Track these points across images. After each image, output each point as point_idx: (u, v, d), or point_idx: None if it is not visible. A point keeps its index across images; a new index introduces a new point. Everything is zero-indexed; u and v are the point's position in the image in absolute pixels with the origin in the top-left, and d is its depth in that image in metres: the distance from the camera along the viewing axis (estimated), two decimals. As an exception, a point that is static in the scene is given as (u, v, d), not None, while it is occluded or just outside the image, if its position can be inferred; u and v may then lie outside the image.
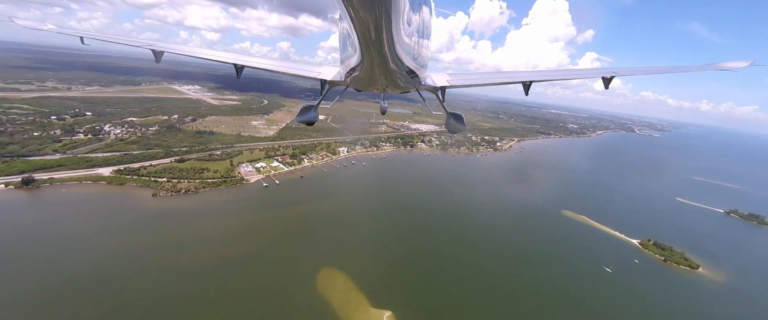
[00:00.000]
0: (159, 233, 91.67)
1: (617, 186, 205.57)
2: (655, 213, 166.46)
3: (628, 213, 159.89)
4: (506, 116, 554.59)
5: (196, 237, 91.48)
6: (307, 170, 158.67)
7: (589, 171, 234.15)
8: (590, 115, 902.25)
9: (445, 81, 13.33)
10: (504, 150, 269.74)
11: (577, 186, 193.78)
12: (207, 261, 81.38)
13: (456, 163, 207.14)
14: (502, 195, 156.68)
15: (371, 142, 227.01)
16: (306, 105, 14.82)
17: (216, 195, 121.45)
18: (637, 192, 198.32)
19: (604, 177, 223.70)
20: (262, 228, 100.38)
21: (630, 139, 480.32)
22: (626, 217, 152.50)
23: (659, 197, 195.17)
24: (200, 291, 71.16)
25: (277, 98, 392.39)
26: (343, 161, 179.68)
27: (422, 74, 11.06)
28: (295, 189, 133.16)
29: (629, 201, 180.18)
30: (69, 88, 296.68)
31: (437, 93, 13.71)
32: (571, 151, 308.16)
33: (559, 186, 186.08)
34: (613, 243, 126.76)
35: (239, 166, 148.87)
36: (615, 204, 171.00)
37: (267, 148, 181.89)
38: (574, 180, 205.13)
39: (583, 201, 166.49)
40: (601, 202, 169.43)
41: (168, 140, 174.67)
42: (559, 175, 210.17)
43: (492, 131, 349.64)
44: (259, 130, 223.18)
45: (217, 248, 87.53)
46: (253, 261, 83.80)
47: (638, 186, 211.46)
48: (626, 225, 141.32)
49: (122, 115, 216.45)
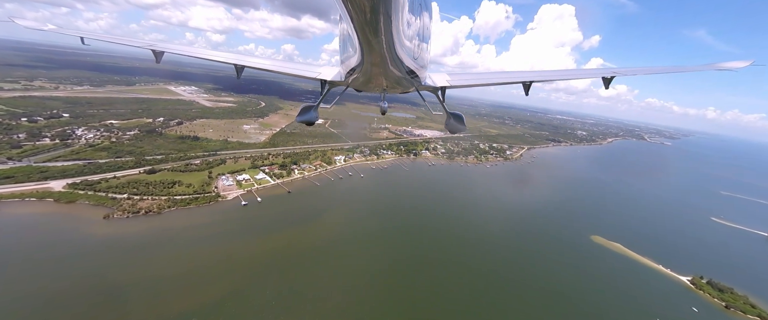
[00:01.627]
0: (94, 273, 70.50)
1: (645, 204, 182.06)
2: (694, 237, 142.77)
3: (664, 238, 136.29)
4: (512, 121, 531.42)
5: (138, 279, 70.13)
6: (297, 184, 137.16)
7: (611, 186, 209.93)
8: (596, 121, 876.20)
9: (445, 81, 12.98)
10: (514, 159, 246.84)
11: (602, 204, 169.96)
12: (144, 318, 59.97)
13: (464, 175, 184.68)
14: (521, 217, 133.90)
15: (371, 150, 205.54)
16: (306, 105, 14.30)
17: (182, 216, 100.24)
18: (668, 211, 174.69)
19: (628, 192, 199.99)
20: (226, 266, 78.64)
21: (642, 148, 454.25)
22: (663, 244, 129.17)
23: (693, 217, 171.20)
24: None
25: (275, 100, 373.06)
26: (339, 172, 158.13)
27: (422, 74, 10.81)
28: (279, 208, 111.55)
29: (662, 222, 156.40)
30: (56, 87, 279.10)
31: (437, 93, 13.31)
32: (586, 161, 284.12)
33: (582, 204, 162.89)
34: (658, 282, 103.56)
35: (218, 179, 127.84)
36: (648, 226, 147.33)
37: (255, 157, 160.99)
38: (598, 197, 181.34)
39: (613, 223, 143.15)
40: (633, 224, 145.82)
41: (144, 146, 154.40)
42: (579, 190, 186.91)
43: (499, 138, 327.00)
44: (250, 135, 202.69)
45: (163, 296, 66.16)
46: (205, 319, 62.22)
47: (668, 204, 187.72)
48: (667, 254, 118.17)
49: (103, 117, 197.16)
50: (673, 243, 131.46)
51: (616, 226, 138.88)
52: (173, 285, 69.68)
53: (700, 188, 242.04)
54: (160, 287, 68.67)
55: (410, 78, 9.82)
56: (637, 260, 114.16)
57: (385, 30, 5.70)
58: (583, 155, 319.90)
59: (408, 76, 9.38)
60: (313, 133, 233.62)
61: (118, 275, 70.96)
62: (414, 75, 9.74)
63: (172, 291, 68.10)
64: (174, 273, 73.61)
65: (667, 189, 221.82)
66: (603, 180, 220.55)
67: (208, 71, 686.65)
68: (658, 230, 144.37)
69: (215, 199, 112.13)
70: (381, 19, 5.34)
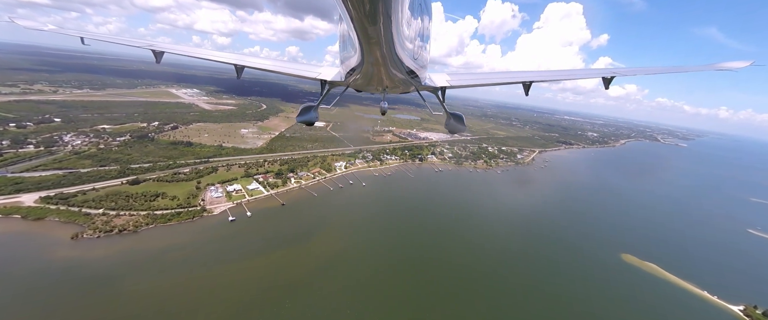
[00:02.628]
0: (41, 313, 59.11)
1: (674, 214, 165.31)
2: (736, 255, 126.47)
3: (702, 256, 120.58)
4: (520, 123, 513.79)
5: None
6: (293, 194, 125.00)
7: (633, 193, 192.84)
8: (605, 122, 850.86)
9: (445, 81, 12.96)
10: (526, 163, 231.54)
11: (627, 215, 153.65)
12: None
13: (475, 183, 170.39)
14: (541, 232, 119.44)
15: (374, 155, 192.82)
16: (306, 105, 14.10)
17: (160, 235, 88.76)
18: (700, 223, 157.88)
19: (653, 201, 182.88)
20: (199, 300, 66.57)
21: (657, 150, 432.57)
22: (703, 263, 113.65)
23: (728, 229, 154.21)
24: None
25: (277, 103, 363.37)
26: (339, 180, 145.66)
27: (422, 74, 10.83)
28: (269, 225, 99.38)
29: (697, 236, 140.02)
30: (56, 90, 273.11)
31: (437, 93, 13.25)
32: (601, 165, 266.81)
33: (606, 216, 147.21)
34: (704, 311, 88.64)
35: (206, 190, 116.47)
36: (682, 241, 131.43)
37: (249, 164, 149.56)
38: (622, 207, 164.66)
39: (643, 238, 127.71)
40: (665, 239, 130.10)
41: (132, 153, 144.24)
42: (601, 199, 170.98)
43: (508, 140, 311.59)
44: (247, 139, 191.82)
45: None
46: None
47: (698, 214, 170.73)
48: (709, 277, 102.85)
49: (96, 122, 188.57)
50: (715, 263, 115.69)
51: (646, 242, 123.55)
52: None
53: (728, 195, 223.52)
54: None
55: (410, 78, 9.81)
56: (676, 284, 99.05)
57: (384, 30, 5.68)
58: (598, 158, 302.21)
59: (408, 76, 9.36)
60: (313, 136, 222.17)
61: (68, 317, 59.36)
62: (414, 75, 9.71)
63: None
64: (133, 313, 61.72)
65: (693, 197, 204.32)
66: (624, 187, 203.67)
67: (212, 73, 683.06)
68: (694, 246, 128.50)
69: (200, 214, 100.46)
70: (381, 19, 5.31)
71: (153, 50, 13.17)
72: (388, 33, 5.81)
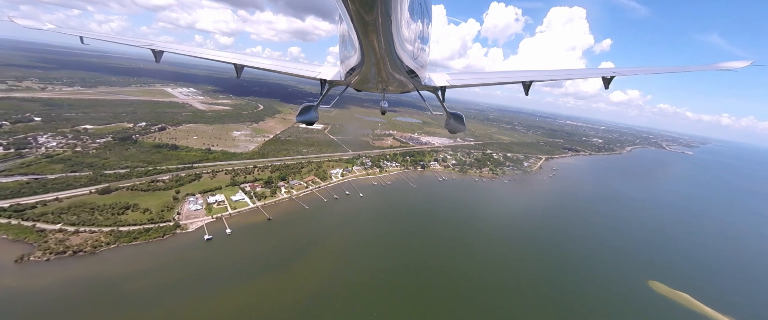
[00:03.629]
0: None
1: (701, 232, 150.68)
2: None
3: (739, 285, 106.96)
4: (523, 128, 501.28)
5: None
6: (282, 207, 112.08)
7: (653, 207, 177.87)
8: (608, 128, 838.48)
9: (444, 81, 12.91)
10: (533, 171, 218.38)
11: (650, 231, 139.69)
12: None
13: (481, 193, 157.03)
14: (558, 251, 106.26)
15: (374, 161, 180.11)
16: (306, 105, 14.04)
17: (123, 258, 76.02)
18: (731, 243, 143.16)
19: (676, 216, 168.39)
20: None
21: (665, 158, 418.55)
22: (742, 293, 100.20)
23: (763, 249, 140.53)
24: None
25: (275, 104, 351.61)
26: (335, 190, 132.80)
27: (422, 74, 10.81)
28: (250, 245, 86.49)
29: (728, 257, 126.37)
30: (44, 87, 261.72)
31: (437, 93, 13.19)
32: (612, 174, 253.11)
33: (627, 232, 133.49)
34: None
35: (184, 201, 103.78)
36: (713, 262, 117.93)
37: (238, 170, 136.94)
38: (642, 222, 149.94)
39: (671, 261, 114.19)
40: (695, 261, 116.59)
41: (110, 158, 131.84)
42: (618, 214, 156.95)
43: (513, 146, 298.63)
44: (239, 143, 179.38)
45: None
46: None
47: (726, 231, 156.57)
48: (749, 308, 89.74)
49: (79, 122, 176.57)
50: (755, 294, 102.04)
51: (674, 266, 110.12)
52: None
53: (751, 208, 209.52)
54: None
55: (410, 78, 9.82)
56: (713, 319, 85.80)
57: (384, 29, 5.68)
58: (606, 166, 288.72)
59: (408, 75, 9.38)
60: (309, 140, 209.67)
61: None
62: (414, 75, 9.70)
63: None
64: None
65: (716, 211, 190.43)
66: (641, 199, 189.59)
67: (211, 73, 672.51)
68: (728, 269, 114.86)
69: (172, 231, 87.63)
70: (380, 19, 5.31)
71: (152, 50, 13.16)
72: (387, 32, 5.81)
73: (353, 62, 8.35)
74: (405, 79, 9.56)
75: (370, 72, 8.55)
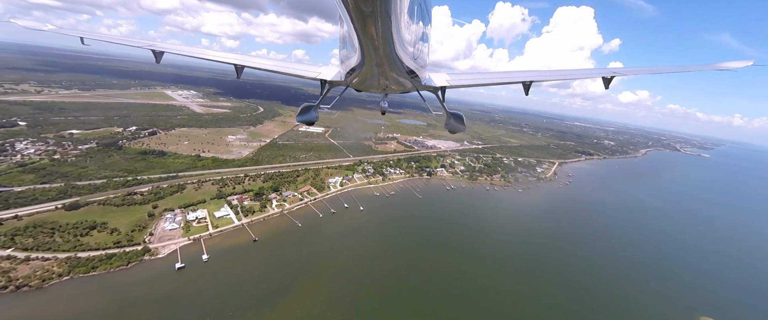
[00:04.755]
0: None
1: (748, 251, 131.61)
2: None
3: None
4: (531, 129, 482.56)
5: None
6: (271, 224, 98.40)
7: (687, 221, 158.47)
8: (618, 129, 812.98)
9: (445, 81, 12.68)
10: (548, 178, 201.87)
11: (686, 250, 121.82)
12: None
13: (495, 206, 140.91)
14: (590, 278, 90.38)
15: (376, 167, 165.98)
16: (306, 105, 13.85)
17: (75, 293, 62.88)
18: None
19: (709, 230, 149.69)
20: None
21: (682, 161, 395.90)
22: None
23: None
24: None
25: (276, 106, 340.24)
26: (332, 202, 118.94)
27: (422, 74, 10.70)
28: (228, 276, 72.63)
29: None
30: (40, 91, 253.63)
31: (437, 93, 12.96)
32: (631, 180, 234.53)
33: (662, 253, 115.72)
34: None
35: (160, 219, 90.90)
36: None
37: (226, 179, 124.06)
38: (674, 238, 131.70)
39: (720, 289, 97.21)
40: (748, 294, 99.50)
41: (88, 166, 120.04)
42: (650, 229, 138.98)
43: (523, 150, 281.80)
44: (232, 148, 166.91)
45: None
46: None
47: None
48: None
49: (67, 126, 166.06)
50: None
51: (726, 295, 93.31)
52: None
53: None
54: None
55: (410, 78, 9.79)
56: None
57: (384, 30, 5.65)
58: (623, 171, 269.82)
59: (408, 75, 9.34)
60: (308, 145, 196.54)
61: None
62: (414, 75, 9.65)
63: None
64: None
65: (754, 224, 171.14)
66: (670, 214, 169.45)
67: (215, 75, 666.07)
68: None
69: (140, 258, 74.50)
70: (380, 19, 5.29)
71: (153, 50, 13.04)
72: (387, 33, 5.77)
73: (353, 62, 8.30)
74: (405, 79, 9.56)
75: (370, 72, 8.51)
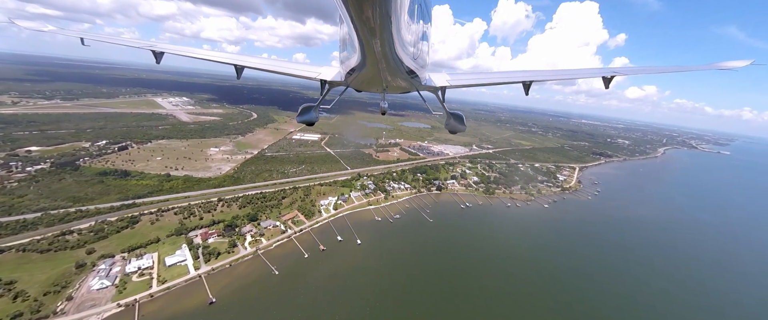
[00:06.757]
0: None
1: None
2: None
3: None
4: (540, 129, 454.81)
5: None
6: (239, 272, 74.45)
7: (742, 233, 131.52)
8: (627, 126, 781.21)
9: (445, 81, 12.61)
10: (573, 188, 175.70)
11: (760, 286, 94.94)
12: None
13: (522, 229, 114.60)
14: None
15: (377, 182, 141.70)
16: (306, 105, 13.62)
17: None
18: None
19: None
20: None
21: (705, 161, 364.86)
22: None
23: None
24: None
25: (272, 112, 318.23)
26: (323, 234, 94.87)
27: (422, 74, 10.58)
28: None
29: None
30: (18, 102, 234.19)
31: (437, 93, 12.93)
32: (664, 187, 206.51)
33: (742, 293, 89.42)
34: None
35: (91, 272, 67.60)
36: None
37: (195, 205, 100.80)
38: (750, 268, 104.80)
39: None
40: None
41: (28, 193, 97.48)
42: (705, 250, 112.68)
43: (537, 153, 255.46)
44: (211, 163, 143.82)
45: None
46: None
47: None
48: None
49: (26, 142, 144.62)
50: None
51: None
52: None
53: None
54: None
55: (410, 78, 9.62)
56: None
57: (384, 30, 5.61)
58: (650, 175, 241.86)
59: (407, 76, 9.21)
60: (300, 156, 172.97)
61: None
62: (414, 75, 9.52)
63: None
64: None
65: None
66: (723, 227, 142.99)
67: (213, 81, 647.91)
68: None
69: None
70: (380, 19, 5.24)
71: (153, 51, 12.96)
72: (387, 33, 5.73)
73: (353, 63, 8.24)
74: (405, 79, 9.44)
75: (370, 72, 8.43)
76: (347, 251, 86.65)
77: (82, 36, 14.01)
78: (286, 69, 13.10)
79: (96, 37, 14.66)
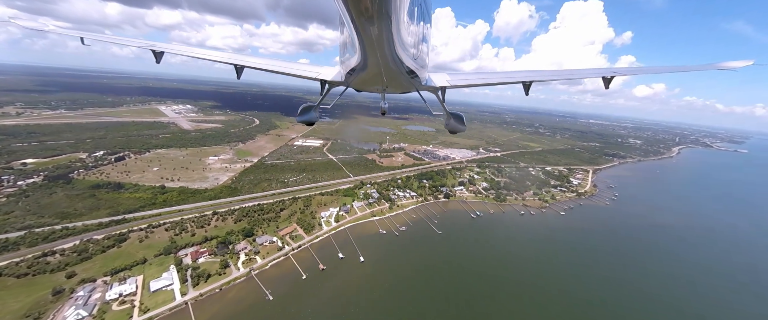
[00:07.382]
0: None
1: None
2: None
3: None
4: (547, 130, 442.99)
5: None
6: (229, 299, 67.42)
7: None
8: (635, 125, 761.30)
9: (445, 81, 12.53)
10: (589, 193, 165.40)
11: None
12: None
13: (539, 240, 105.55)
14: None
15: (381, 191, 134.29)
16: (306, 105, 13.64)
17: None
18: None
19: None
20: None
21: (723, 160, 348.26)
22: None
23: None
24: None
25: (275, 117, 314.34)
26: (323, 250, 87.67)
27: (422, 75, 10.50)
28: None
29: None
30: (21, 113, 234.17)
31: (437, 93, 12.83)
32: (685, 190, 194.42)
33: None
34: None
35: (69, 300, 61.44)
36: None
37: (188, 220, 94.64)
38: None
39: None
40: None
41: (15, 210, 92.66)
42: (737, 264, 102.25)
43: (547, 156, 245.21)
44: (209, 173, 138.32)
45: None
46: None
47: None
48: None
49: (23, 154, 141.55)
50: None
51: None
52: None
53: None
54: None
55: (410, 78, 9.61)
56: None
57: (384, 30, 5.65)
58: (668, 177, 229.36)
59: (408, 76, 9.25)
60: (301, 163, 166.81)
61: None
62: (414, 75, 9.52)
63: None
64: None
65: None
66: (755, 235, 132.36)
67: (217, 88, 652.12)
68: None
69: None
70: (381, 20, 5.30)
71: (153, 50, 12.99)
72: (388, 33, 5.76)
73: (354, 63, 8.24)
74: (405, 79, 9.47)
75: (370, 72, 8.52)
76: (349, 270, 79.03)
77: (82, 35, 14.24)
78: (287, 69, 12.96)
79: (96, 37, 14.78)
